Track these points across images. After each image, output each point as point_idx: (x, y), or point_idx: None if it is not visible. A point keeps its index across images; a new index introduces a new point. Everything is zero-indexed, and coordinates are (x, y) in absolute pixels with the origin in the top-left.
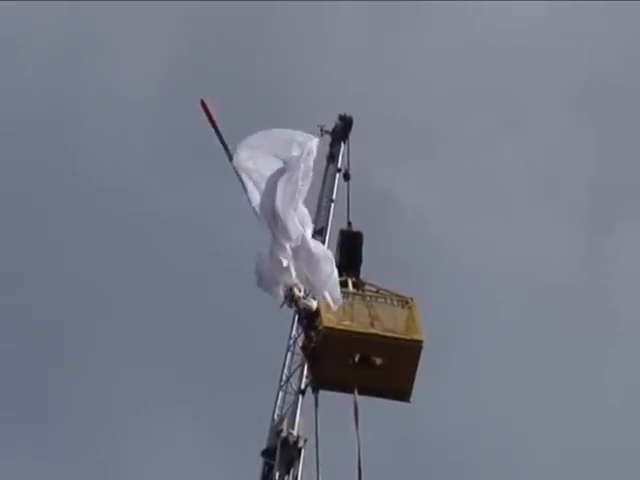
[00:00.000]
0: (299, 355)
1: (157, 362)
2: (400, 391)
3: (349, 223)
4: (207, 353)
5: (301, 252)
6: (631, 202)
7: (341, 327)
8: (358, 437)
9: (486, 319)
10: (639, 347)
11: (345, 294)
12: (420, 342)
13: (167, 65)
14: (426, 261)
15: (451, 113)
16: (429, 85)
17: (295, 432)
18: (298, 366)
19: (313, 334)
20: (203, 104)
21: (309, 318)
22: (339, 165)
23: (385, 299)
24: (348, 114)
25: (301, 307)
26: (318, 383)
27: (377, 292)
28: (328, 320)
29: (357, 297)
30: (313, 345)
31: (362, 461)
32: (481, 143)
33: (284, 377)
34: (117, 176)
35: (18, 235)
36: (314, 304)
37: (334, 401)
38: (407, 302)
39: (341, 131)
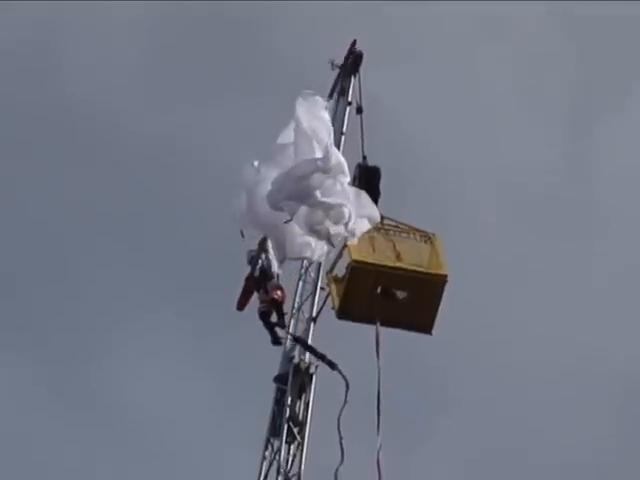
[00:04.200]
0: (310, 284)
1: (158, 282)
2: (423, 324)
3: (364, 157)
4: (216, 277)
5: None
6: (610, 103)
7: (369, 260)
8: (378, 367)
9: (466, 218)
10: (619, 244)
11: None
12: (445, 277)
13: None
14: (404, 164)
15: (429, 15)
16: None
17: (307, 359)
18: (310, 294)
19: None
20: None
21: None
22: (350, 99)
23: (408, 234)
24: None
25: None
26: (341, 314)
27: (397, 227)
28: (356, 253)
29: (380, 231)
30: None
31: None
32: (461, 46)
33: (296, 305)
34: (108, 98)
35: (10, 155)
36: None
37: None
38: (429, 237)
39: (351, 65)
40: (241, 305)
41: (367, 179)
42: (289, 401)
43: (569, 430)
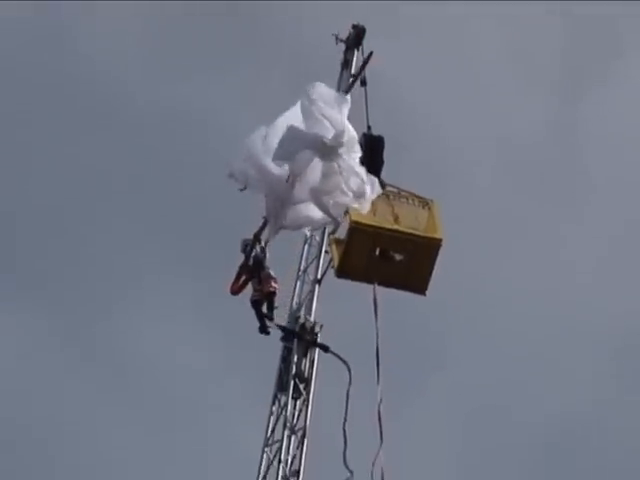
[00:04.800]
0: (315, 247)
1: (164, 243)
2: (418, 285)
3: (369, 127)
4: (220, 238)
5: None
6: (598, 72)
7: (367, 222)
8: (377, 328)
9: (462, 183)
10: (608, 203)
11: None
12: (439, 240)
13: None
14: (403, 132)
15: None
16: None
17: (312, 318)
18: (315, 257)
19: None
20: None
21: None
22: (353, 71)
23: (407, 199)
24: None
25: None
26: (340, 273)
27: (399, 193)
28: (356, 215)
29: (381, 196)
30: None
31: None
32: (457, 21)
33: (302, 268)
34: (119, 64)
35: (20, 118)
36: None
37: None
38: (427, 203)
39: (354, 39)
40: (234, 291)
41: (372, 148)
42: (295, 359)
43: (568, 383)
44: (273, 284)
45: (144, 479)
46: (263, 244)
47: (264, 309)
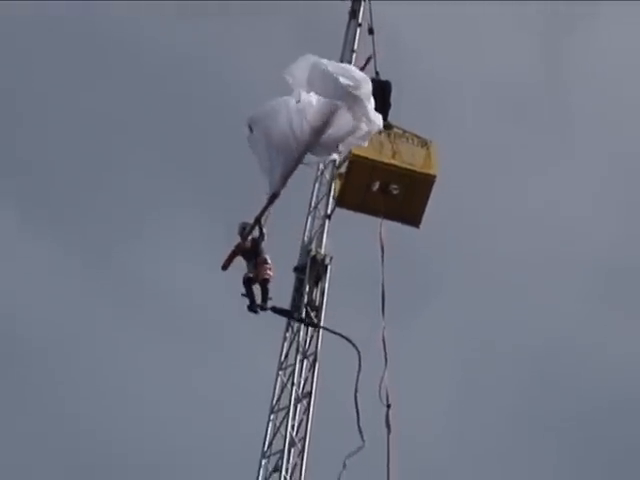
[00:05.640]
0: (325, 185)
1: (177, 177)
2: (412, 218)
3: (377, 72)
4: (232, 178)
5: None
6: (585, 11)
7: (366, 155)
8: (382, 266)
9: (453, 120)
10: (598, 142)
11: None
12: (433, 177)
13: None
14: (403, 74)
15: None
16: None
17: (322, 251)
18: (325, 194)
19: None
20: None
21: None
22: (360, 20)
23: (407, 139)
24: None
25: None
26: (340, 202)
27: (403, 133)
28: (357, 149)
29: (384, 135)
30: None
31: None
32: None
33: (313, 204)
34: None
35: (36, 57)
36: None
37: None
38: (426, 143)
39: None
40: (224, 266)
41: (379, 92)
42: (307, 289)
43: (567, 309)
44: (268, 271)
45: (161, 403)
46: (263, 228)
47: (259, 301)
